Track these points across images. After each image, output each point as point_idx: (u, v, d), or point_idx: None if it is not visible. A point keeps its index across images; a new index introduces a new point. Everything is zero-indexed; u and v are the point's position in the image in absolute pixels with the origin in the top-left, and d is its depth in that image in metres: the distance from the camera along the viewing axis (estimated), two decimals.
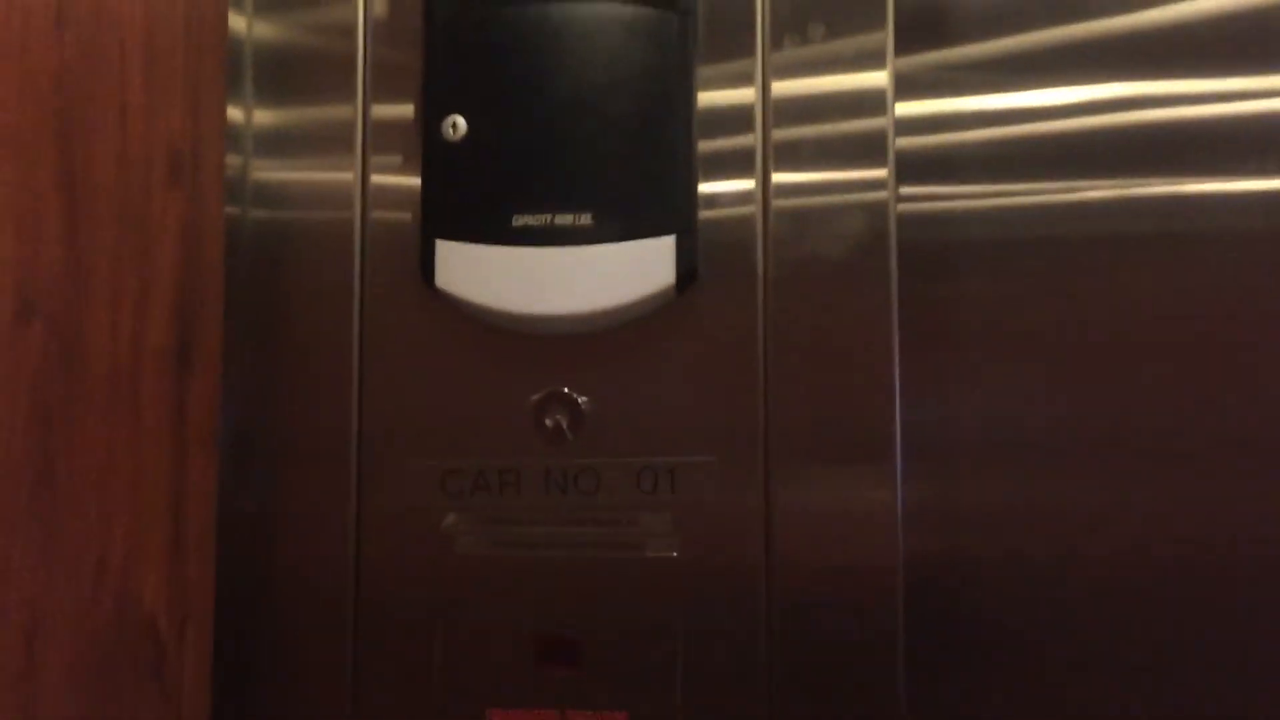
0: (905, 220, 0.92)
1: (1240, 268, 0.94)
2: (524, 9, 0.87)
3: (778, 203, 0.88)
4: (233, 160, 0.91)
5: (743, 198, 0.88)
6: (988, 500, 0.96)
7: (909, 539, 0.85)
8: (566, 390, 0.88)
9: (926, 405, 0.93)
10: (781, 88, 0.88)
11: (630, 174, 0.86)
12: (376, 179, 0.92)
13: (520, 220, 0.86)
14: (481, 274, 0.86)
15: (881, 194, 0.87)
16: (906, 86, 0.95)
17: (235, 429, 0.89)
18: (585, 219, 0.85)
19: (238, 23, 0.92)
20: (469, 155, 0.87)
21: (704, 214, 0.87)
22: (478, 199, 0.87)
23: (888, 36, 0.88)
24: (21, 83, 0.65)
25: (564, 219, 0.85)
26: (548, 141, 0.86)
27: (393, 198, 0.91)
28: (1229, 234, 0.94)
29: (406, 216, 0.90)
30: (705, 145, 0.88)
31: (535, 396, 0.88)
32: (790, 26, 0.88)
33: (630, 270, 0.85)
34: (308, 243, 0.91)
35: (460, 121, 0.87)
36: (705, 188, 0.88)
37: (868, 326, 0.86)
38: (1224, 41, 0.95)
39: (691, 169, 0.87)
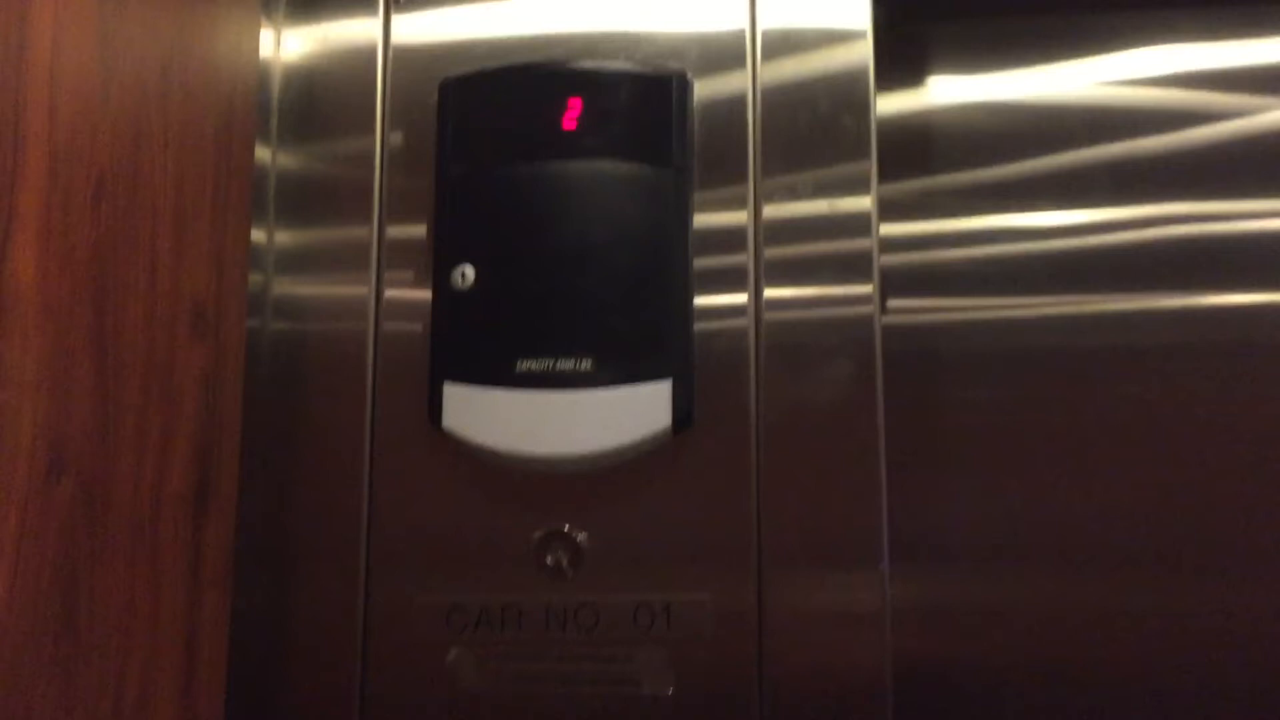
0: (892, 332, 0.98)
1: (1223, 377, 0.99)
2: (530, 166, 0.93)
3: (769, 315, 0.92)
4: (255, 278, 0.97)
5: (736, 310, 0.93)
6: (977, 603, 1.00)
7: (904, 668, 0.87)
8: (567, 529, 0.91)
9: (914, 512, 0.97)
10: (772, 211, 0.94)
11: (629, 321, 0.91)
12: (390, 293, 0.97)
13: (524, 365, 0.90)
14: (486, 416, 0.90)
15: (867, 309, 0.92)
16: (892, 210, 1.02)
17: (248, 565, 0.93)
18: (586, 364, 0.90)
19: (263, 153, 0.99)
20: (477, 302, 0.92)
21: (700, 325, 0.92)
22: (484, 344, 0.91)
23: (872, 166, 0.93)
24: (61, 257, 0.70)
25: (565, 364, 0.90)
26: (551, 290, 0.91)
27: (404, 310, 0.96)
28: (1205, 345, 1.00)
29: (417, 328, 0.95)
30: (702, 262, 0.93)
31: (537, 534, 0.91)
32: (780, 159, 0.93)
33: (628, 413, 0.89)
34: (324, 352, 0.96)
35: (469, 271, 0.92)
36: (701, 300, 0.92)
37: (856, 439, 0.89)
38: (1195, 170, 1.02)
39: (687, 317, 0.91)
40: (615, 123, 0.93)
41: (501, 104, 0.95)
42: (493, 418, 0.90)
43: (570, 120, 0.93)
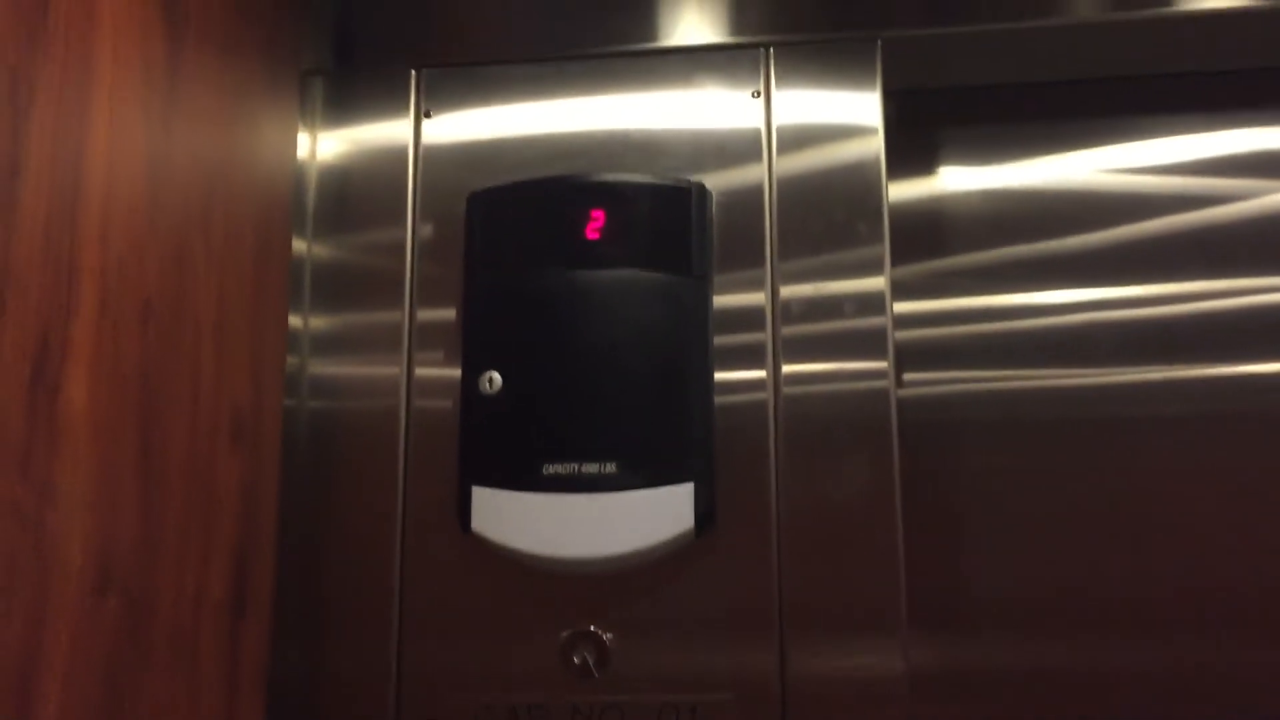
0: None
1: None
2: (554, 276, 0.96)
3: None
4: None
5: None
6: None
7: None
8: (593, 629, 0.93)
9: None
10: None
11: (652, 427, 0.93)
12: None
13: (550, 469, 0.93)
14: (514, 519, 0.93)
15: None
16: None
17: (282, 667, 0.96)
18: (610, 468, 0.92)
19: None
20: (504, 408, 0.95)
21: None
22: (511, 449, 0.94)
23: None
24: (111, 380, 0.74)
25: (590, 468, 0.92)
26: (576, 396, 0.94)
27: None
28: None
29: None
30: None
31: (564, 634, 0.93)
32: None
33: (652, 515, 0.92)
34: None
35: (496, 377, 0.95)
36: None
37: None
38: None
39: (709, 421, 0.94)
40: (637, 233, 0.96)
41: (527, 215, 0.99)
42: (520, 521, 0.93)
43: (593, 231, 0.96)
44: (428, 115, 1.04)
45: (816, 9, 1.01)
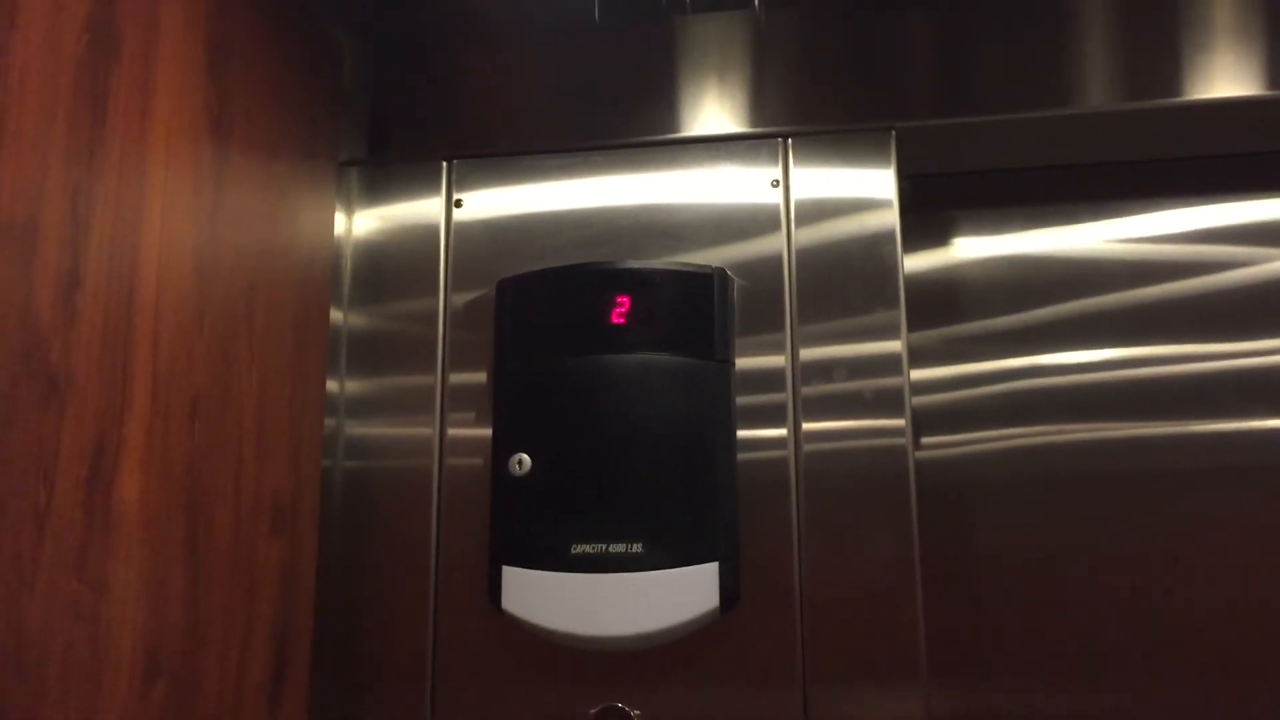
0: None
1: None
2: (581, 360, 1.00)
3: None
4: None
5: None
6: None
7: None
8: (621, 705, 0.95)
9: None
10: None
11: (677, 507, 0.96)
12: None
13: (578, 549, 0.96)
14: (543, 598, 0.96)
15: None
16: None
17: None
18: (637, 548, 0.95)
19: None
20: (533, 489, 0.98)
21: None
22: (540, 529, 0.97)
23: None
24: (161, 474, 0.77)
25: (618, 548, 0.95)
26: (603, 478, 0.97)
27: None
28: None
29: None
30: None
31: (593, 710, 0.96)
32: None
33: (678, 595, 0.94)
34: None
35: (525, 459, 0.98)
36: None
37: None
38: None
39: (733, 501, 0.97)
40: (661, 318, 1.00)
41: (554, 301, 1.02)
42: (549, 600, 0.95)
43: (619, 316, 1.00)
44: (458, 205, 1.09)
45: (833, 101, 1.05)
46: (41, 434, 0.66)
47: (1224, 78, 1.00)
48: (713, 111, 1.06)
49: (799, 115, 1.05)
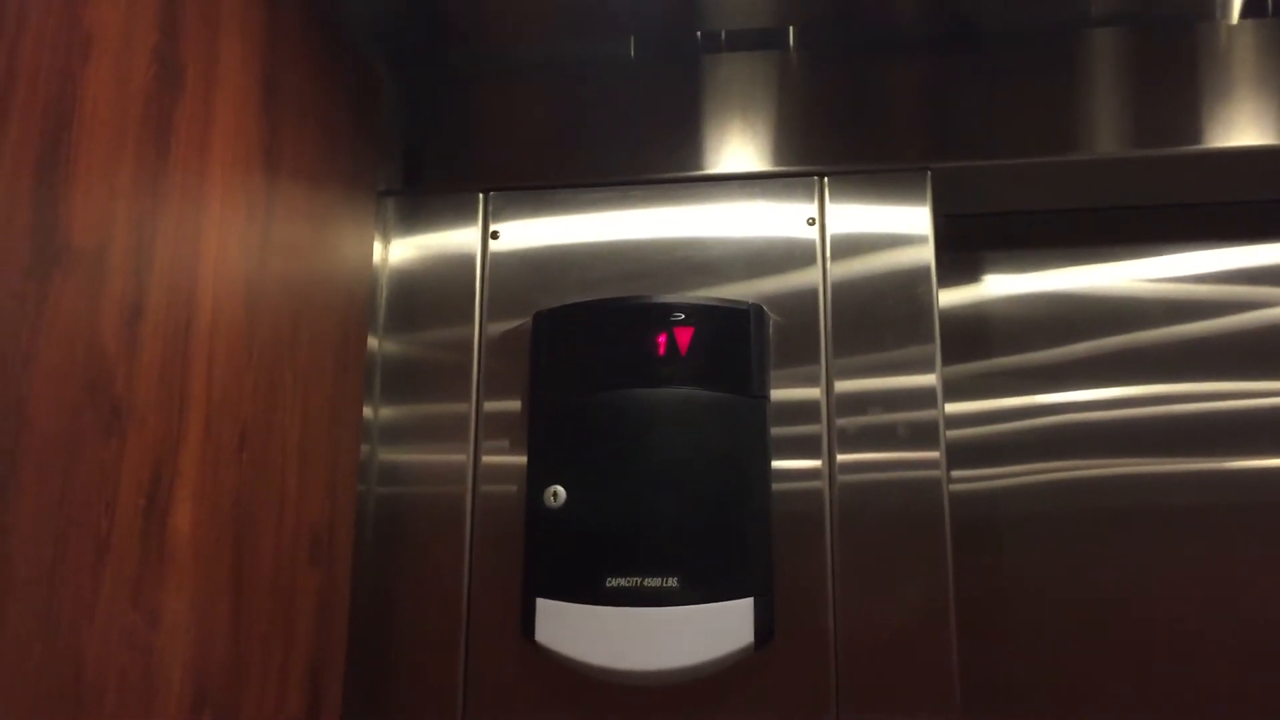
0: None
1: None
2: (617, 394, 1.00)
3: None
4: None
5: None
6: None
7: None
8: None
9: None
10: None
11: (713, 543, 0.96)
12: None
13: (613, 582, 0.96)
14: (577, 631, 0.96)
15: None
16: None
17: None
18: (672, 582, 0.95)
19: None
20: (568, 522, 0.98)
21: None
22: (575, 562, 0.97)
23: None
24: (211, 505, 0.77)
25: (653, 582, 0.95)
26: (638, 511, 0.97)
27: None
28: (1249, 506, 1.08)
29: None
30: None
31: None
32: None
33: (713, 630, 0.94)
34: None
35: (560, 491, 0.99)
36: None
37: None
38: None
39: (768, 536, 0.97)
40: (697, 353, 1.00)
41: (590, 334, 1.03)
42: (583, 633, 0.95)
43: (655, 350, 1.00)
44: (494, 237, 1.09)
45: (868, 142, 1.06)
46: (104, 463, 0.66)
47: (1253, 127, 1.02)
48: (748, 149, 1.08)
49: (835, 154, 1.06)
